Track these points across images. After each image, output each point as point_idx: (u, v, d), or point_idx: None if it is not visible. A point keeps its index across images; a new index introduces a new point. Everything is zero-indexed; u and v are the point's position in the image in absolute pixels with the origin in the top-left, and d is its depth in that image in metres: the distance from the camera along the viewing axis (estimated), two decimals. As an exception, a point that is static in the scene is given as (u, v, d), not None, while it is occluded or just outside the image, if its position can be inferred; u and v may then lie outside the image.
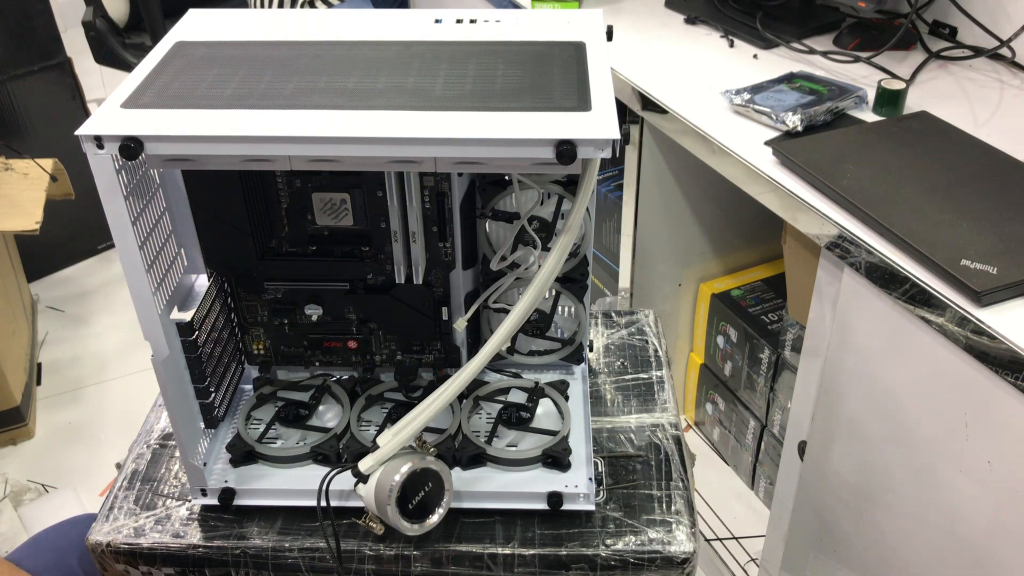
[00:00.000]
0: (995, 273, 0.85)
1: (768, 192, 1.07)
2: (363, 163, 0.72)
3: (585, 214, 0.93)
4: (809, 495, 1.19)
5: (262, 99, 0.72)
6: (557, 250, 0.77)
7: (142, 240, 0.77)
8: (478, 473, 0.92)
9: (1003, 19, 1.29)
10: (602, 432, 1.01)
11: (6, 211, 1.71)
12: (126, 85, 0.75)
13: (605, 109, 0.70)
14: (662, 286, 1.64)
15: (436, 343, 0.99)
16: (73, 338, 2.29)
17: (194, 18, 0.90)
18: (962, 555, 0.94)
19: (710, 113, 1.21)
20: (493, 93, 0.73)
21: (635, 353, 1.14)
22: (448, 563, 0.87)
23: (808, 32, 1.41)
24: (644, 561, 0.86)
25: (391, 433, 0.82)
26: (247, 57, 0.80)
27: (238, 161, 0.72)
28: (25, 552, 0.99)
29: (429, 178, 0.86)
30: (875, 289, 0.95)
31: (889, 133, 1.10)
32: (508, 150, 0.68)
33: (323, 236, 0.91)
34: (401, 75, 0.77)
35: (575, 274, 0.97)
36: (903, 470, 1.00)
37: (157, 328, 0.80)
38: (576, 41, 0.83)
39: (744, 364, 1.59)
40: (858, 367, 1.03)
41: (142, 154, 0.68)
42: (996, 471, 0.88)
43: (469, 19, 0.89)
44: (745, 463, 1.67)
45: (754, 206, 1.12)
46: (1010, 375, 0.82)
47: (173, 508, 0.93)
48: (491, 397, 1.00)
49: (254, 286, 0.94)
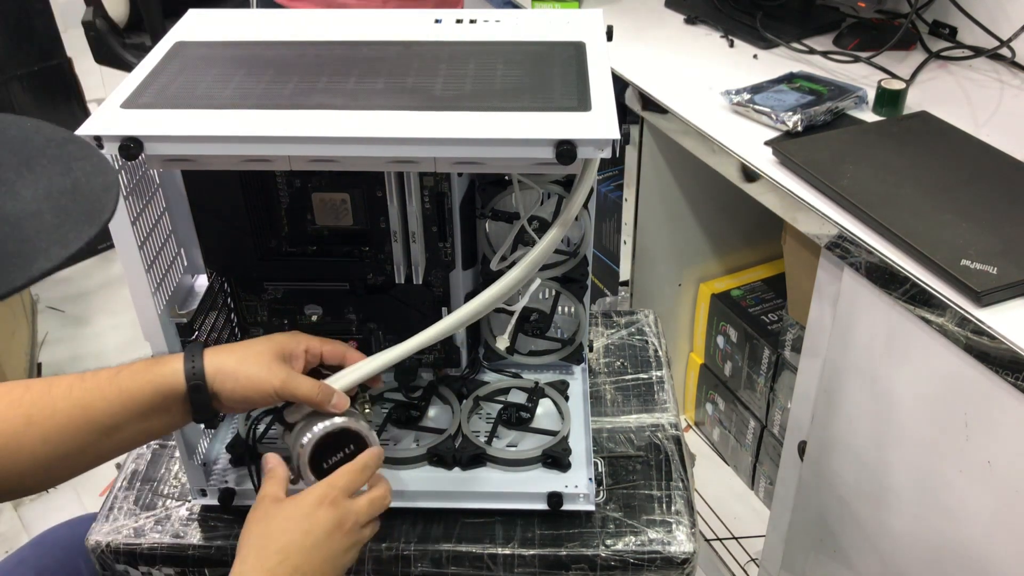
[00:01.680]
0: (995, 273, 0.85)
1: (768, 192, 1.07)
2: (363, 163, 0.72)
3: (585, 214, 0.93)
4: (809, 495, 1.19)
5: (262, 99, 0.72)
6: (547, 239, 0.76)
7: (142, 240, 0.77)
8: (478, 473, 0.92)
9: (1003, 19, 1.29)
10: (602, 432, 1.01)
11: (6, 211, 1.71)
12: (126, 85, 0.75)
13: (605, 109, 0.70)
14: (662, 286, 1.64)
15: (436, 343, 0.99)
16: (73, 338, 2.29)
17: (194, 18, 0.90)
18: (962, 555, 0.94)
19: (710, 113, 1.21)
20: (493, 93, 0.73)
21: (635, 353, 1.14)
22: (448, 563, 0.87)
23: (808, 32, 1.41)
24: (644, 561, 0.86)
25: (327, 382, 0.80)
26: (247, 57, 0.80)
27: (238, 161, 0.72)
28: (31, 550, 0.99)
29: (429, 178, 0.86)
30: (875, 289, 0.95)
31: (889, 133, 1.10)
32: (508, 150, 0.68)
33: (323, 236, 0.91)
34: (401, 75, 0.77)
35: (575, 274, 0.97)
36: (903, 470, 1.00)
37: (157, 328, 0.80)
38: (576, 41, 0.83)
39: (744, 364, 1.59)
40: (858, 367, 1.03)
41: (142, 154, 0.68)
42: (996, 471, 0.87)
43: (469, 19, 0.89)
44: (745, 463, 1.67)
45: (754, 206, 1.12)
46: (1010, 375, 0.81)
47: (173, 508, 0.93)
48: (491, 397, 1.00)
49: (254, 286, 0.94)
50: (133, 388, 0.72)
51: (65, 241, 0.48)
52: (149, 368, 0.73)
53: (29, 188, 0.49)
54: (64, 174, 0.52)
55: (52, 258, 0.47)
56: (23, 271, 0.46)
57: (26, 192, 0.49)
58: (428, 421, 0.97)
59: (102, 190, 0.52)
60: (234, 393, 0.74)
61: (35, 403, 0.70)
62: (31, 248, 0.47)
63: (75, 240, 0.48)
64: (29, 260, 0.46)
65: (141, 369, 0.73)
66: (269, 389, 0.75)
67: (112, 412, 0.71)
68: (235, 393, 0.74)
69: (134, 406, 0.72)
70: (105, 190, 0.52)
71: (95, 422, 0.71)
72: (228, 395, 0.74)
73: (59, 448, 0.70)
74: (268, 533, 0.71)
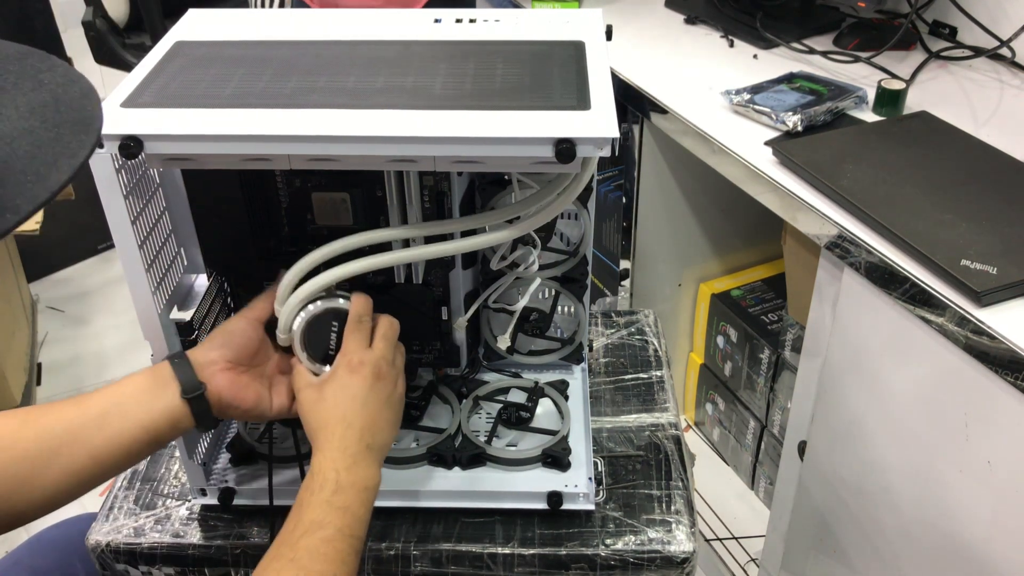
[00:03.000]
0: (995, 273, 0.85)
1: (768, 192, 1.07)
2: (363, 162, 0.72)
3: (585, 214, 0.93)
4: (809, 495, 1.19)
5: (261, 98, 0.72)
6: (509, 230, 0.78)
7: (142, 240, 0.77)
8: (478, 473, 0.92)
9: (1003, 19, 1.29)
10: (602, 432, 1.01)
11: (6, 211, 1.70)
12: (126, 85, 0.75)
13: (604, 108, 0.70)
14: (662, 286, 1.64)
15: (436, 343, 0.99)
16: (73, 338, 2.29)
17: (194, 18, 0.90)
18: (962, 555, 0.94)
19: (710, 113, 1.21)
20: (492, 92, 0.73)
21: (635, 353, 1.14)
22: (448, 563, 0.87)
23: (808, 32, 1.41)
24: (644, 561, 0.86)
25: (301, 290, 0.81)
26: (246, 56, 0.80)
27: (238, 160, 0.72)
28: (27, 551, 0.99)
29: (429, 177, 0.86)
30: (875, 289, 0.95)
31: (889, 133, 1.10)
32: (507, 149, 0.68)
33: (323, 236, 0.91)
34: (400, 74, 0.77)
35: (575, 274, 0.97)
36: (903, 470, 1.00)
37: (157, 328, 0.80)
38: (575, 40, 0.83)
39: (744, 364, 1.59)
40: (858, 367, 1.03)
41: (142, 153, 0.68)
42: (996, 471, 0.87)
43: (469, 18, 0.89)
44: (745, 463, 1.67)
45: (754, 206, 1.12)
46: (1010, 375, 0.81)
47: (173, 508, 0.93)
48: (491, 397, 1.00)
49: (254, 286, 0.94)
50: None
51: (70, 151, 0.47)
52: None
53: (9, 107, 0.48)
54: (37, 88, 0.50)
55: (64, 169, 0.46)
56: (41, 186, 0.45)
57: (8, 111, 0.48)
58: (428, 421, 0.97)
59: (82, 97, 0.51)
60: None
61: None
62: (39, 163, 0.46)
63: (79, 149, 0.47)
64: (41, 176, 0.45)
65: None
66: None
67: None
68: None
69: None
70: (84, 97, 0.51)
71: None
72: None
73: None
74: (322, 417, 0.75)
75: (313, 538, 0.68)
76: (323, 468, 0.72)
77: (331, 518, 0.69)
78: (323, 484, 0.71)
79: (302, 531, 0.68)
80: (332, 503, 0.70)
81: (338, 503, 0.70)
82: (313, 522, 0.69)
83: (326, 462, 0.72)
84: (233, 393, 0.77)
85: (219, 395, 0.76)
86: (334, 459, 0.72)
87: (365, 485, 0.73)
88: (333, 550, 0.68)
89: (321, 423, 0.75)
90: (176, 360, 0.76)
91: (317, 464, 0.73)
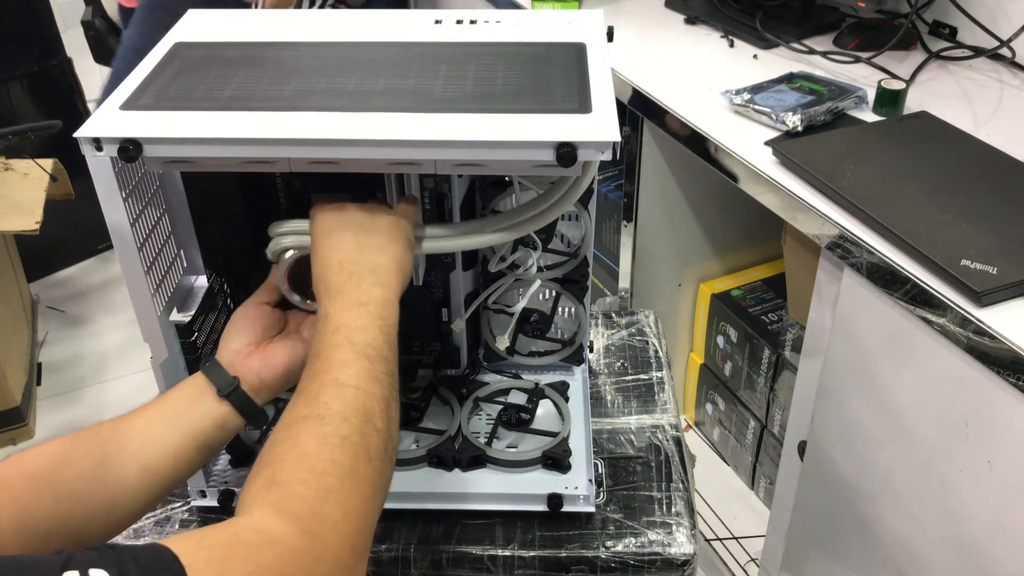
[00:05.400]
0: (995, 273, 0.85)
1: (768, 192, 1.07)
2: (363, 165, 0.72)
3: (585, 215, 0.93)
4: (809, 495, 1.19)
5: (261, 101, 0.72)
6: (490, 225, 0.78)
7: (141, 241, 0.77)
8: (478, 475, 0.92)
9: (1003, 19, 1.29)
10: (602, 433, 1.01)
11: (6, 211, 1.70)
12: (125, 86, 0.75)
13: (605, 111, 0.70)
14: (662, 286, 1.63)
15: (435, 343, 0.99)
16: (73, 338, 2.29)
17: (193, 18, 0.90)
18: (962, 555, 0.94)
19: (710, 113, 1.21)
20: (493, 95, 0.73)
21: (635, 354, 1.14)
22: (448, 565, 0.87)
23: (808, 32, 1.41)
24: (644, 563, 0.86)
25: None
26: (246, 58, 0.80)
27: (237, 163, 0.72)
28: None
29: (429, 179, 0.86)
30: (875, 289, 0.95)
31: (889, 133, 1.10)
32: (508, 152, 0.68)
33: (323, 237, 0.91)
34: (401, 76, 0.76)
35: (575, 275, 0.97)
36: (903, 470, 1.00)
37: (156, 330, 0.80)
38: (576, 42, 0.83)
39: (744, 364, 1.59)
40: (858, 367, 1.03)
41: (141, 156, 0.68)
42: (996, 471, 0.87)
43: (469, 20, 0.89)
44: (745, 463, 1.67)
45: (754, 206, 1.12)
46: (1011, 375, 0.81)
47: (173, 510, 0.93)
48: (491, 398, 1.00)
49: (253, 287, 0.94)
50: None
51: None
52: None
53: None
54: None
55: None
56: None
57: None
58: (428, 422, 0.97)
59: None
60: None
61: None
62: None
63: None
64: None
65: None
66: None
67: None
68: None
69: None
70: None
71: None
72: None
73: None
74: (322, 270, 0.72)
75: (327, 377, 0.65)
76: (319, 319, 0.70)
77: (331, 350, 0.66)
78: (323, 329, 0.68)
79: (311, 374, 0.66)
80: (329, 338, 0.67)
81: (331, 330, 0.67)
82: (318, 358, 0.66)
83: (320, 312, 0.70)
84: (268, 366, 0.77)
85: (258, 377, 0.77)
86: (325, 305, 0.70)
87: (359, 300, 0.69)
88: (352, 372, 0.65)
89: (320, 282, 0.72)
90: (207, 364, 0.77)
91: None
